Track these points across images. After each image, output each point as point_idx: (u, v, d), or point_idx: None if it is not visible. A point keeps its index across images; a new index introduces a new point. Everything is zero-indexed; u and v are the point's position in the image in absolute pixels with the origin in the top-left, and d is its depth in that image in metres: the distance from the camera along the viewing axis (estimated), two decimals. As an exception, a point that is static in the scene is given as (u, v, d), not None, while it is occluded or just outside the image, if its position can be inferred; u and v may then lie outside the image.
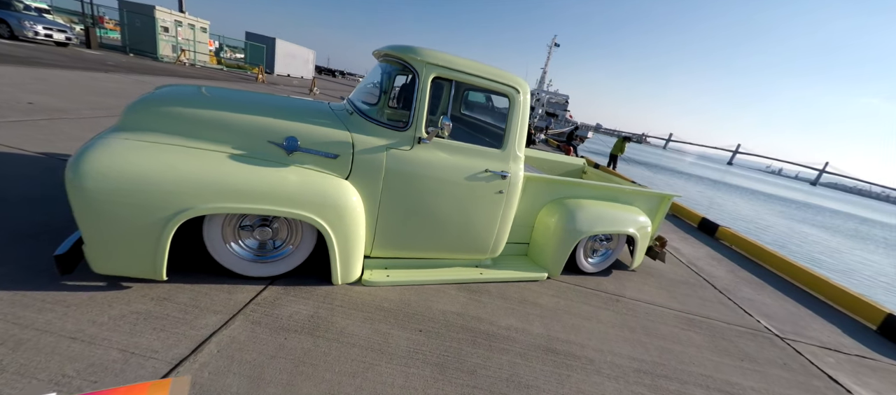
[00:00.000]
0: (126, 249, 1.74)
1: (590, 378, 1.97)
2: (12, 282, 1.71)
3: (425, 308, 2.24)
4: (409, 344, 1.90)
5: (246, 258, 2.07)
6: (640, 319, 2.74)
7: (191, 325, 1.70)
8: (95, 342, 1.49)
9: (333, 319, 1.96)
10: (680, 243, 5.27)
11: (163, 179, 1.71)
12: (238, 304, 1.91)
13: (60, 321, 1.55)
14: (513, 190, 2.60)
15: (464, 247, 2.64)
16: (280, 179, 1.93)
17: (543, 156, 4.61)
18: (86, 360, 1.40)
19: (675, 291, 3.44)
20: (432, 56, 2.24)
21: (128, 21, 16.10)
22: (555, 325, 2.39)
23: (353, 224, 2.15)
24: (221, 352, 1.59)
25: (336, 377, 1.60)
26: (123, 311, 1.69)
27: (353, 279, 2.31)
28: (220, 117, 1.99)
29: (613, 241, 3.39)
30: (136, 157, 1.71)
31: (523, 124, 2.57)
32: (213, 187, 1.79)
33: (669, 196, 3.60)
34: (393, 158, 2.22)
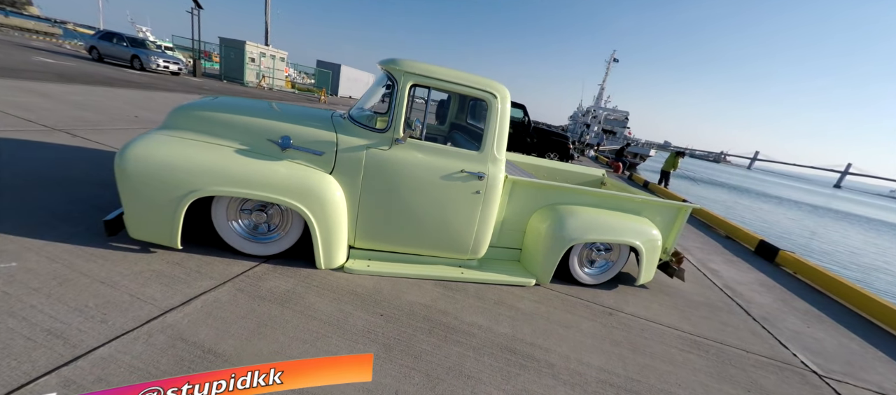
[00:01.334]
0: (152, 219, 2.20)
1: (541, 380, 1.92)
2: (78, 239, 2.25)
3: (395, 298, 2.38)
4: (366, 325, 2.06)
5: (243, 236, 2.44)
6: (630, 334, 2.55)
7: (189, 284, 2.06)
8: (116, 287, 1.91)
9: (306, 295, 2.20)
10: (723, 265, 4.69)
11: (181, 166, 2.14)
12: (231, 274, 2.25)
13: (97, 270, 2.01)
14: (491, 191, 2.65)
15: (443, 245, 2.74)
16: (271, 171, 2.26)
17: (559, 167, 4.51)
18: (104, 298, 1.81)
19: (691, 312, 3.10)
20: (410, 66, 2.46)
21: (224, 54, 19.23)
22: (524, 328, 2.36)
23: (333, 214, 2.40)
24: (204, 307, 1.91)
25: (288, 340, 1.81)
26: (143, 268, 2.11)
27: (336, 266, 2.55)
28: (233, 120, 2.41)
29: (614, 252, 3.19)
30: (165, 148, 2.17)
31: (501, 128, 2.63)
32: (217, 174, 2.17)
33: (686, 207, 3.31)
34: (372, 157, 2.45)
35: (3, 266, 1.89)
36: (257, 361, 1.64)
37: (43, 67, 9.68)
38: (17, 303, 1.67)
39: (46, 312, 1.66)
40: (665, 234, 3.36)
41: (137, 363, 1.50)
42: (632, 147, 23.88)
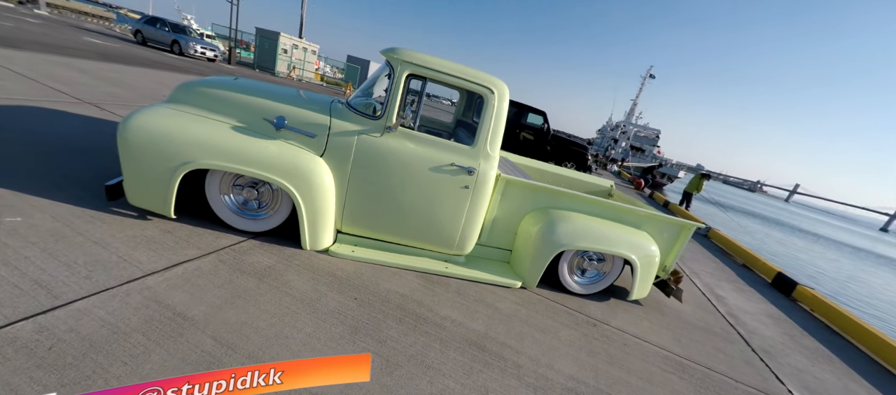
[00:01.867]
0: (149, 188, 2.31)
1: (504, 380, 1.88)
2: (83, 202, 2.39)
3: (373, 284, 2.40)
4: (337, 306, 2.08)
5: (233, 211, 2.52)
6: (611, 347, 2.46)
7: (175, 252, 2.15)
8: (107, 247, 2.01)
9: (285, 273, 2.25)
10: (732, 292, 4.46)
11: (177, 138, 2.24)
12: (217, 246, 2.33)
13: (93, 231, 2.13)
14: (480, 187, 2.63)
15: (429, 237, 2.74)
16: (262, 148, 2.33)
17: (566, 173, 4.42)
18: (93, 257, 1.91)
19: (684, 334, 2.96)
20: (408, 55, 2.48)
21: (258, 43, 20.01)
22: (498, 327, 2.32)
23: (320, 196, 2.45)
24: (184, 274, 1.98)
25: (258, 312, 1.86)
26: (136, 233, 2.22)
27: (321, 248, 2.60)
28: (233, 98, 2.50)
29: (607, 263, 3.10)
30: (164, 120, 2.28)
31: (497, 124, 2.62)
32: (211, 148, 2.26)
33: (690, 225, 3.17)
34: (362, 142, 2.48)
35: (9, 220, 2.03)
36: (224, 329, 1.69)
37: (89, 46, 10.37)
38: (13, 254, 1.79)
39: (38, 264, 1.77)
40: (665, 251, 3.24)
41: (109, 318, 1.58)
42: (663, 168, 23.14)
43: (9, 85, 4.56)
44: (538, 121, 10.07)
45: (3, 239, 1.87)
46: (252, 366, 1.54)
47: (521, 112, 10.17)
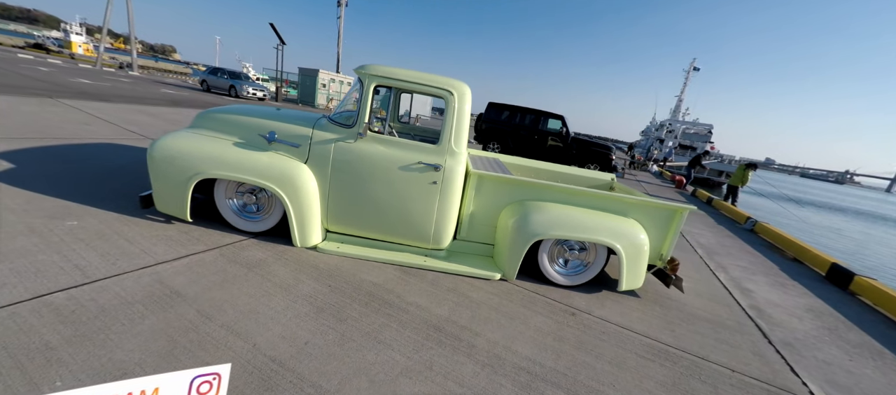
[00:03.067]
0: (170, 196, 2.79)
1: (453, 357, 1.97)
2: (127, 211, 2.94)
3: (351, 275, 2.63)
4: (311, 291, 2.33)
5: (236, 213, 2.93)
6: (585, 335, 2.42)
7: (185, 247, 2.57)
8: (134, 243, 2.48)
9: (273, 265, 2.57)
10: (765, 286, 4.02)
11: (191, 154, 2.71)
12: (222, 243, 2.73)
13: (127, 231, 2.62)
14: (447, 182, 2.78)
15: (405, 232, 2.93)
16: (256, 159, 2.73)
17: (566, 171, 4.37)
18: (122, 250, 2.37)
19: (682, 326, 2.77)
20: (374, 69, 2.77)
21: (300, 81, 22.19)
22: (464, 313, 2.41)
23: (305, 198, 2.77)
24: (188, 264, 2.37)
25: (239, 293, 2.16)
26: (159, 233, 2.69)
27: (310, 245, 2.90)
28: (236, 120, 2.96)
29: (590, 252, 3.03)
30: (182, 141, 2.77)
31: (459, 123, 2.78)
32: (216, 160, 2.70)
33: (682, 209, 3.01)
34: (339, 149, 2.78)
35: (69, 223, 2.59)
36: (208, 305, 2.01)
37: (163, 96, 12.32)
38: (65, 246, 2.30)
39: (80, 254, 2.25)
40: (659, 239, 3.10)
41: (122, 292, 1.97)
42: (710, 159, 21.12)
43: (96, 129, 5.66)
44: (557, 125, 9.92)
45: (61, 236, 2.40)
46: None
47: (539, 118, 10.09)
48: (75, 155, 4.17)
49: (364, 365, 1.79)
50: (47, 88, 9.10)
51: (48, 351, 1.53)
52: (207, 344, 1.73)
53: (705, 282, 3.84)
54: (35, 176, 3.33)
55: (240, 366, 1.63)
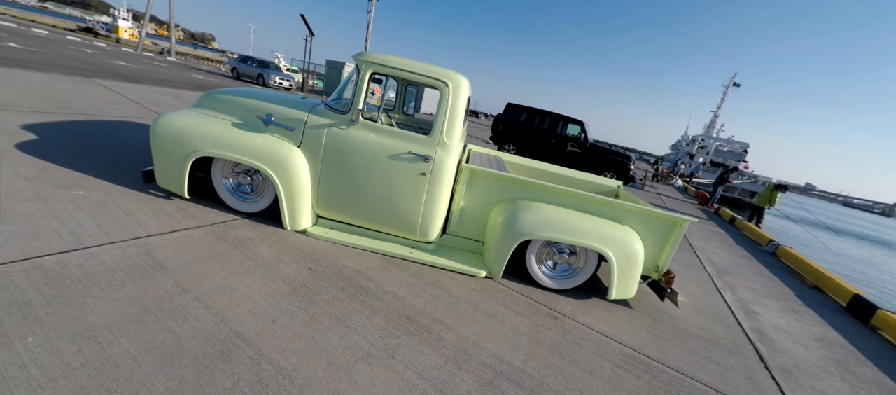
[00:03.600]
0: (169, 172, 2.90)
1: (418, 347, 1.95)
2: (131, 185, 3.08)
3: (333, 260, 2.65)
4: (290, 272, 2.37)
5: (230, 192, 3.01)
6: (562, 339, 2.34)
7: (179, 222, 2.66)
8: (131, 215, 2.59)
9: (259, 245, 2.62)
10: (776, 311, 3.78)
11: (190, 132, 2.80)
12: (215, 221, 2.81)
13: (127, 204, 2.75)
14: (436, 175, 2.76)
15: (392, 222, 2.93)
16: (250, 139, 2.79)
17: (570, 174, 4.25)
18: (118, 220, 2.48)
19: (671, 341, 2.65)
20: (371, 56, 2.78)
21: (327, 73, 22.69)
22: (440, 306, 2.38)
23: (296, 181, 2.82)
24: (178, 238, 2.46)
25: (220, 269, 2.22)
26: (156, 207, 2.80)
27: (299, 228, 2.95)
28: (237, 101, 3.04)
29: (580, 258, 2.93)
30: (183, 119, 2.86)
31: (452, 115, 2.75)
32: (212, 139, 2.78)
33: (681, 221, 2.86)
34: (332, 135, 2.81)
35: (75, 193, 2.74)
36: (187, 278, 2.07)
37: (192, 81, 12.86)
38: (66, 214, 2.43)
39: (78, 221, 2.37)
40: (656, 249, 2.96)
41: (108, 260, 2.06)
42: (741, 179, 20.15)
43: (122, 108, 5.96)
44: (576, 130, 9.71)
45: (65, 204, 2.54)
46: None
47: (558, 122, 9.89)
48: (96, 131, 4.40)
49: (326, 348, 1.80)
50: (86, 69, 9.68)
51: (27, 309, 1.61)
52: (177, 314, 1.78)
53: (707, 300, 3.66)
54: (54, 148, 3.54)
55: (203, 338, 1.67)
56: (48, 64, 8.91)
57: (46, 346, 1.45)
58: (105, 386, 1.35)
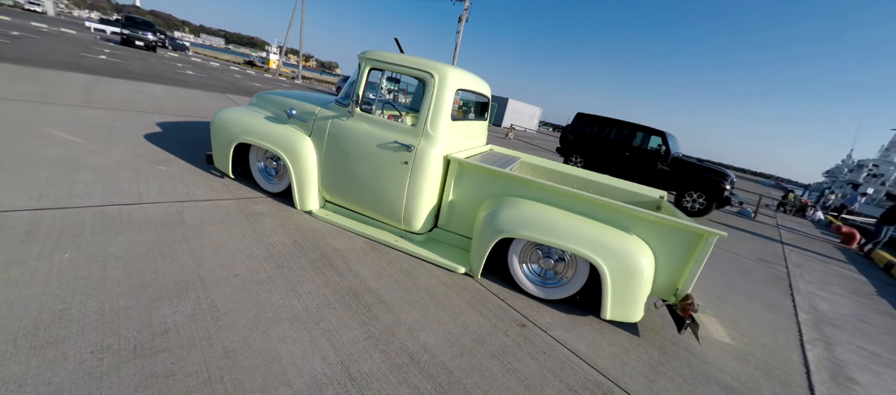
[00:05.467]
0: (220, 156, 3.59)
1: (348, 322, 1.99)
2: (198, 165, 3.91)
3: (320, 238, 2.89)
4: (277, 241, 2.67)
5: (260, 174, 3.55)
6: (518, 348, 2.09)
7: (217, 194, 3.26)
8: (187, 185, 3.29)
9: (265, 218, 3.03)
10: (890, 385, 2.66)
11: (234, 123, 3.43)
12: (244, 197, 3.36)
13: (189, 178, 3.49)
14: (418, 164, 2.79)
15: (379, 208, 3.04)
16: (273, 129, 3.27)
17: (615, 184, 3.77)
18: (174, 189, 3.18)
19: (671, 380, 2.11)
20: (370, 53, 3.00)
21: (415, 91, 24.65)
22: (395, 291, 2.38)
23: (304, 165, 3.18)
24: (207, 205, 3.02)
25: (224, 231, 2.65)
26: (207, 182, 3.48)
27: (306, 209, 3.30)
28: (274, 99, 3.61)
29: (569, 266, 2.56)
30: (232, 114, 3.53)
31: (437, 106, 2.77)
32: (247, 129, 3.35)
33: (707, 234, 2.29)
34: (334, 125, 3.10)
35: (160, 168, 3.61)
36: (193, 235, 2.53)
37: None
38: (144, 180, 3.22)
39: (149, 186, 3.12)
40: (674, 267, 2.43)
41: (149, 214, 2.66)
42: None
43: (234, 115, 7.54)
44: (656, 142, 8.47)
45: (149, 174, 3.36)
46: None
47: (634, 133, 8.79)
48: (203, 128, 5.68)
49: (263, 303, 1.98)
50: (227, 88, 12.51)
51: (78, 236, 2.21)
52: (168, 257, 2.20)
53: (771, 349, 2.78)
54: (166, 137, 4.71)
55: (174, 276, 2.03)
56: (201, 85, 11.79)
57: (72, 262, 1.97)
58: (85, 292, 1.76)
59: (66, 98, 5.52)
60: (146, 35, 19.76)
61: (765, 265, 5.12)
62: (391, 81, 3.97)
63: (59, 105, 5.03)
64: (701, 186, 7.60)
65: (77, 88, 6.39)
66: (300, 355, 1.70)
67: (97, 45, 16.55)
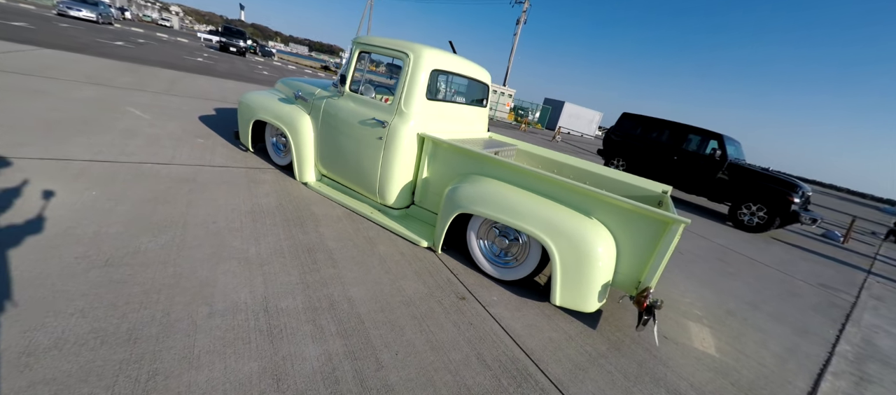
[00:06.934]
0: (243, 132, 4.11)
1: (290, 270, 2.19)
2: (230, 140, 4.51)
3: (304, 204, 3.17)
4: (265, 202, 3.01)
5: (271, 147, 3.99)
6: (444, 316, 2.10)
7: (233, 162, 3.76)
8: (212, 154, 3.84)
9: (264, 184, 3.41)
10: None
11: (253, 103, 3.92)
12: (254, 166, 3.81)
13: (219, 149, 4.06)
14: (391, 140, 2.92)
15: (360, 182, 3.23)
16: (281, 108, 3.67)
17: (615, 176, 3.54)
18: (201, 156, 3.73)
19: (605, 376, 1.93)
20: (360, 38, 3.23)
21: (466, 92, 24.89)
22: (348, 252, 2.53)
23: (302, 140, 3.52)
24: (221, 170, 3.50)
25: (224, 191, 3.06)
26: (231, 153, 4.02)
27: (303, 180, 3.64)
28: (290, 83, 4.03)
29: (523, 248, 2.46)
30: (255, 96, 4.03)
31: (410, 84, 2.89)
32: (262, 108, 3.81)
33: (669, 221, 2.07)
34: (328, 104, 3.38)
35: (198, 140, 4.25)
36: (198, 192, 2.97)
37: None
38: (181, 149, 3.83)
39: (183, 153, 3.71)
40: (638, 258, 2.23)
41: (172, 172, 3.18)
42: None
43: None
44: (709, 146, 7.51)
45: (187, 145, 3.99)
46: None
47: (685, 136, 7.90)
48: (252, 114, 6.48)
49: (224, 245, 2.28)
50: (292, 86, 13.96)
51: (113, 181, 2.75)
52: (169, 203, 2.63)
53: (771, 372, 2.36)
54: (216, 119, 5.49)
55: (165, 217, 2.43)
56: (269, 82, 13.34)
57: (95, 198, 2.47)
58: (92, 219, 2.21)
59: (153, 87, 6.74)
60: (238, 42, 22.90)
61: (824, 291, 4.28)
62: (392, 68, 4.17)
63: (145, 92, 6.17)
64: (762, 196, 6.55)
65: (165, 81, 7.74)
66: (232, 286, 1.93)
67: (199, 50, 19.65)
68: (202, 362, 1.45)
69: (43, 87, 4.97)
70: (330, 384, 1.49)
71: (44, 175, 2.60)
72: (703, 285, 3.54)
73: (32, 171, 2.63)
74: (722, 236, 5.84)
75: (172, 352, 1.47)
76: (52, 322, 1.47)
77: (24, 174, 2.54)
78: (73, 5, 19.49)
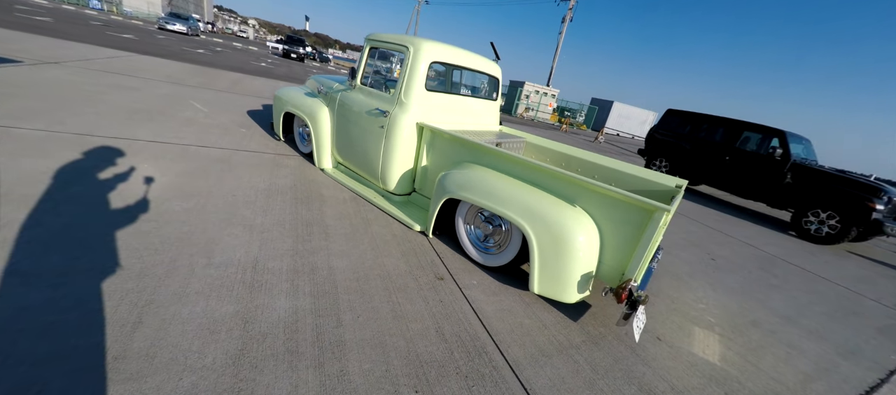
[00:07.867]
0: (276, 122, 4.57)
1: (286, 239, 2.43)
2: (268, 130, 5.02)
3: (316, 187, 3.45)
4: (281, 182, 3.33)
5: (299, 136, 4.37)
6: (418, 292, 2.18)
7: (264, 148, 4.20)
8: (249, 141, 4.32)
9: (286, 167, 3.77)
10: None
11: (284, 97, 4.34)
12: (282, 153, 4.21)
13: (257, 137, 4.55)
14: (391, 129, 3.07)
15: (366, 168, 3.43)
16: (306, 101, 4.03)
17: (625, 169, 3.37)
18: (239, 142, 4.22)
19: (569, 364, 1.88)
20: (372, 35, 3.44)
21: (507, 93, 24.56)
22: (343, 229, 2.72)
23: (321, 129, 3.83)
24: (252, 155, 3.93)
25: (250, 172, 3.45)
26: (265, 141, 4.48)
27: (321, 167, 3.95)
28: (319, 79, 4.39)
29: (505, 235, 2.45)
30: (287, 91, 4.46)
31: (410, 76, 3.02)
32: (291, 102, 4.21)
33: (653, 209, 1.95)
34: (343, 96, 3.64)
35: (241, 130, 4.80)
36: (226, 169, 3.38)
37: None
38: (223, 136, 4.36)
39: (225, 139, 4.23)
40: (621, 247, 2.13)
41: (210, 153, 3.65)
42: None
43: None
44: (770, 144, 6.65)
45: (230, 133, 4.53)
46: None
47: (739, 133, 7.08)
48: (295, 110, 7.10)
49: (236, 214, 2.58)
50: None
51: (158, 158, 3.25)
52: (202, 178, 3.04)
53: (788, 390, 2.09)
54: (261, 113, 6.12)
55: (194, 187, 2.82)
56: (323, 84, 14.38)
57: (144, 170, 2.94)
58: (138, 187, 2.65)
59: (217, 86, 7.68)
60: (298, 49, 25.06)
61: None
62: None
63: (209, 89, 7.07)
64: (832, 202, 5.64)
65: (229, 81, 8.77)
66: (232, 246, 2.20)
67: (265, 57, 21.82)
68: (190, 300, 1.70)
69: (134, 84, 5.94)
70: (290, 333, 1.66)
71: (112, 151, 3.16)
72: (729, 293, 3.21)
73: (106, 146, 3.20)
74: (775, 244, 5.16)
75: (169, 289, 1.74)
76: (86, 255, 1.82)
77: (99, 149, 3.11)
78: (169, 20, 22.91)
